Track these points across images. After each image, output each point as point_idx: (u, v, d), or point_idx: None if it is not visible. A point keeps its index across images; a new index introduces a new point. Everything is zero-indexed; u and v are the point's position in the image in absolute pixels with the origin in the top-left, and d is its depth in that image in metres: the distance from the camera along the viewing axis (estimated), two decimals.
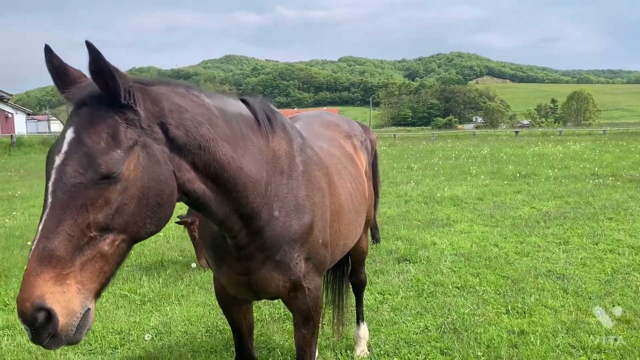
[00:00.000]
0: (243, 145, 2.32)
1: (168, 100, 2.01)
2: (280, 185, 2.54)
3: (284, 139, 2.66)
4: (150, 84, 2.03)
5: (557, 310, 5.07)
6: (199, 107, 2.14)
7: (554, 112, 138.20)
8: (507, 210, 10.27)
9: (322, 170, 2.87)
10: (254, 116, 2.50)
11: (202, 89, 2.31)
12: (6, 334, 4.82)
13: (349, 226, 3.20)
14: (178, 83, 2.20)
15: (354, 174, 3.46)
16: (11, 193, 14.17)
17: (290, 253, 2.60)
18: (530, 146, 29.29)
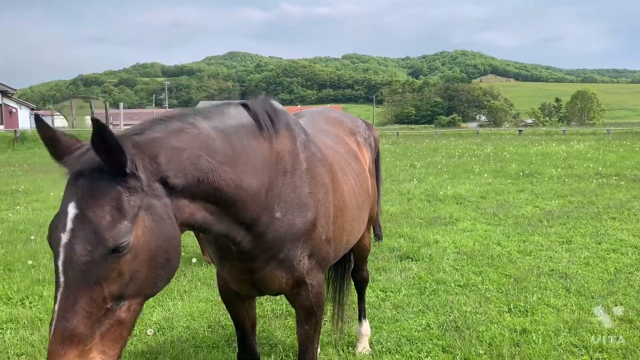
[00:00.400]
0: (244, 158, 2.33)
1: (164, 149, 1.98)
2: (284, 186, 2.55)
3: (288, 137, 2.66)
4: (142, 131, 2.00)
5: (559, 309, 5.06)
6: (195, 139, 2.12)
7: (557, 111, 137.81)
8: (510, 209, 10.26)
9: (325, 167, 2.88)
10: (256, 122, 2.50)
11: (198, 111, 2.33)
12: (9, 327, 4.84)
13: (352, 222, 3.20)
14: (172, 116, 2.19)
15: (358, 170, 3.47)
16: (15, 187, 14.21)
17: (294, 251, 2.61)
18: (533, 145, 29.24)
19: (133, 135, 1.97)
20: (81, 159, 1.82)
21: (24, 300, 5.55)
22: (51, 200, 12.11)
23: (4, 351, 4.35)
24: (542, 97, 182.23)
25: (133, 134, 1.98)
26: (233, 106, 2.52)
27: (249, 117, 2.50)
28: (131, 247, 1.75)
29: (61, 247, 1.71)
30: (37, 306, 5.40)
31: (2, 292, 5.73)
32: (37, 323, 4.93)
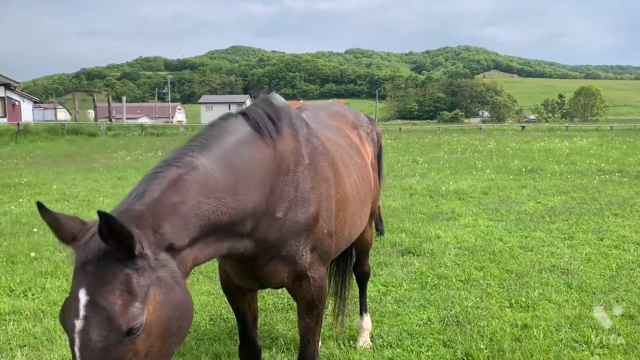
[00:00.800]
0: (247, 175, 2.36)
1: (166, 212, 1.98)
2: (285, 185, 2.57)
3: (291, 135, 2.68)
4: (142, 193, 2.01)
5: (560, 305, 5.06)
6: (194, 184, 2.12)
7: (561, 107, 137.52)
8: (512, 204, 10.25)
9: (327, 160, 2.89)
10: (257, 131, 2.51)
11: (197, 142, 2.33)
12: (12, 319, 4.86)
13: (354, 216, 3.20)
14: (169, 161, 2.18)
15: (360, 164, 3.47)
16: (17, 180, 14.23)
17: (296, 246, 2.63)
18: (536, 141, 29.19)
19: (135, 204, 1.96)
20: (88, 247, 1.83)
21: (27, 292, 5.57)
22: (54, 193, 12.14)
23: (7, 342, 4.37)
24: (545, 93, 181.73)
25: (134, 202, 1.98)
26: (232, 119, 2.53)
27: (249, 127, 2.51)
28: (144, 326, 1.77)
29: (76, 334, 1.74)
30: (40, 298, 5.42)
31: (5, 284, 5.75)
32: (40, 315, 4.95)
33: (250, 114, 2.55)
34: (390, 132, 49.25)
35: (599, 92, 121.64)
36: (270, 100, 2.72)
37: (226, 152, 2.33)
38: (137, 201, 1.97)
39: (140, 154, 23.38)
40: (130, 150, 25.96)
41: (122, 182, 14.10)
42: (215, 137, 2.38)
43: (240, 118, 2.54)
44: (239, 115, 2.56)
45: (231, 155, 2.34)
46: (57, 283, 5.81)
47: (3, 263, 6.53)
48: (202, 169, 2.19)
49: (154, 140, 35.15)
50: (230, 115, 2.57)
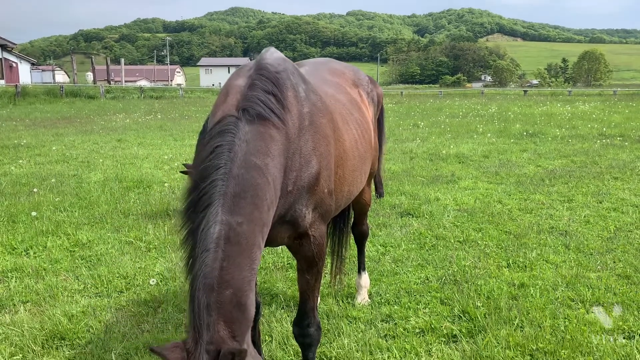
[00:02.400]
0: (266, 182, 2.26)
1: (225, 310, 1.99)
2: (294, 155, 2.51)
3: (292, 97, 2.60)
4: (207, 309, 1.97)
5: (558, 265, 5.11)
6: (235, 269, 2.07)
7: (564, 72, 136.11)
8: (513, 168, 10.24)
9: (326, 117, 2.84)
10: (263, 119, 2.36)
11: (217, 194, 2.13)
12: (14, 276, 4.92)
13: (354, 173, 3.17)
14: (206, 239, 2.06)
15: (360, 120, 3.41)
16: (17, 142, 14.19)
17: (300, 209, 2.62)
18: (538, 105, 28.96)
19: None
20: None
21: (29, 250, 5.61)
22: (53, 155, 12.12)
23: (10, 298, 4.43)
24: (548, 57, 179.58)
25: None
26: (241, 126, 2.30)
27: (254, 123, 2.33)
28: None
29: None
30: (42, 256, 5.46)
31: (6, 242, 5.79)
32: (42, 273, 5.00)
33: (251, 110, 2.35)
34: (391, 96, 48.84)
35: (603, 57, 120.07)
36: (265, 70, 2.54)
37: (245, 181, 2.18)
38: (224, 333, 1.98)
39: (139, 117, 23.24)
40: (129, 112, 25.80)
41: (121, 145, 14.07)
42: (232, 180, 2.16)
43: (243, 122, 2.31)
44: (241, 120, 2.32)
45: (248, 181, 2.19)
46: (59, 242, 5.85)
47: (4, 222, 6.56)
48: (230, 234, 2.09)
49: (153, 103, 34.90)
50: (235, 126, 2.29)
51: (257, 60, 2.66)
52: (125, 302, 4.39)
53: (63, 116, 23.72)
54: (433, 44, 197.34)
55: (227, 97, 2.51)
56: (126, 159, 11.66)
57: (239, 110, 2.35)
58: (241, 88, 2.48)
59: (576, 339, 3.65)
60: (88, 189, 8.49)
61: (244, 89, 2.46)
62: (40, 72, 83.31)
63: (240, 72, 2.68)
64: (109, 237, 6.08)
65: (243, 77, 2.58)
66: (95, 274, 4.96)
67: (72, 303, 4.37)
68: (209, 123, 2.50)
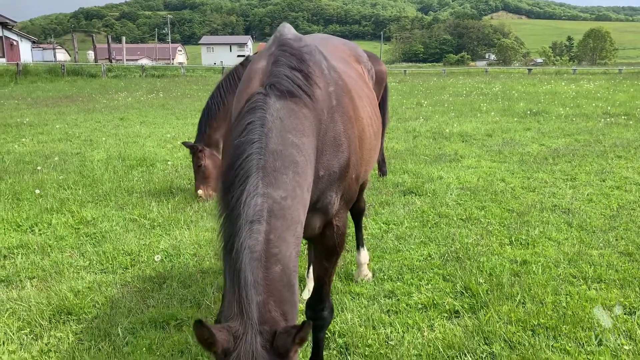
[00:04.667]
0: (305, 161, 2.12)
1: (274, 288, 1.81)
2: (325, 137, 2.35)
3: (319, 75, 2.42)
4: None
5: (560, 243, 5.13)
6: (274, 233, 1.89)
7: (569, 50, 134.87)
8: (516, 146, 10.21)
9: (348, 95, 2.68)
10: (294, 97, 2.19)
11: (252, 175, 1.96)
12: (20, 252, 4.96)
13: (370, 152, 3.03)
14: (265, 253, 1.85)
15: (370, 96, 3.28)
16: (19, 120, 14.18)
17: (330, 196, 2.47)
18: (542, 84, 28.75)
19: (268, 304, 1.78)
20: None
21: (34, 227, 5.65)
22: (56, 133, 12.12)
23: (16, 274, 4.48)
24: (553, 35, 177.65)
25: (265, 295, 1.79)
26: (270, 102, 2.13)
27: (285, 100, 2.16)
28: None
29: None
30: (47, 233, 5.50)
31: (11, 219, 5.83)
32: (47, 249, 5.04)
33: (279, 86, 2.18)
34: (394, 74, 48.49)
35: (609, 35, 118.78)
36: (287, 45, 2.38)
37: (287, 164, 2.03)
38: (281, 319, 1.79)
39: (141, 95, 23.17)
40: (131, 91, 25.70)
41: (124, 123, 14.05)
42: (272, 173, 1.98)
43: (272, 99, 2.14)
44: (268, 97, 2.15)
45: (293, 165, 2.04)
46: (63, 219, 5.88)
47: (9, 200, 6.60)
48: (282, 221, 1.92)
49: (155, 82, 34.73)
50: (260, 102, 2.13)
51: (276, 38, 2.50)
52: (130, 278, 4.44)
53: (65, 95, 23.65)
54: (437, 22, 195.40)
55: (251, 81, 2.37)
56: (129, 137, 11.66)
57: (265, 86, 2.19)
58: (264, 68, 2.32)
59: (577, 315, 3.68)
60: (91, 167, 8.50)
61: (268, 67, 2.30)
62: (41, 50, 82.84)
63: (260, 56, 2.52)
64: (113, 214, 6.11)
65: (263, 59, 2.41)
66: (100, 251, 5.00)
67: (78, 279, 4.41)
68: (234, 112, 2.33)
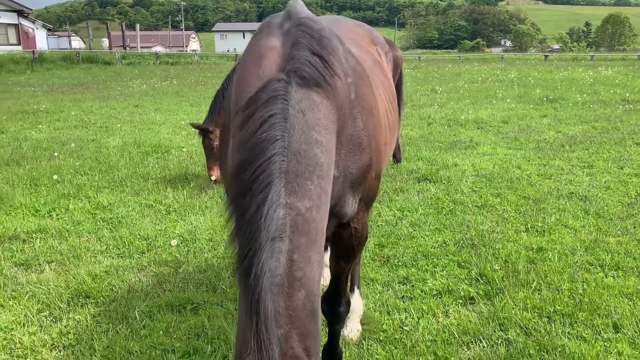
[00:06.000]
0: (329, 162, 1.85)
1: (298, 319, 1.57)
2: (343, 133, 2.08)
3: (340, 66, 2.12)
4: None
5: (577, 230, 5.08)
6: (299, 253, 1.62)
7: (587, 36, 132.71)
8: (532, 133, 10.10)
9: (366, 86, 2.39)
10: (316, 86, 1.88)
11: (274, 182, 1.65)
12: (38, 236, 5.03)
13: (386, 146, 2.75)
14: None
15: (386, 84, 3.01)
16: (36, 107, 14.32)
17: (347, 200, 2.24)
18: (559, 71, 28.35)
19: None
20: None
21: (51, 212, 5.73)
22: (72, 120, 12.22)
23: (35, 258, 4.54)
24: (571, 21, 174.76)
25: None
26: (292, 92, 1.81)
27: (307, 90, 1.85)
28: None
29: None
30: (64, 218, 5.57)
31: (30, 204, 5.91)
32: (65, 234, 5.11)
33: (302, 73, 1.87)
34: (409, 61, 48.10)
35: (628, 20, 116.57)
36: (306, 26, 2.07)
37: (311, 167, 1.74)
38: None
39: (155, 83, 23.25)
40: (145, 78, 25.80)
41: (138, 110, 14.12)
42: (295, 180, 1.69)
43: (294, 88, 1.82)
44: (289, 86, 1.82)
45: (318, 168, 1.76)
46: (80, 204, 5.95)
47: (27, 185, 6.68)
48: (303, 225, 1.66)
49: (168, 69, 34.83)
50: (282, 90, 1.80)
51: (290, 13, 2.19)
52: (146, 263, 4.48)
53: (80, 82, 23.81)
54: (452, 8, 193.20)
55: (262, 62, 2.00)
56: (144, 124, 11.72)
57: (286, 72, 1.86)
58: (280, 49, 2.00)
59: (594, 302, 3.65)
60: (107, 153, 8.57)
61: (285, 49, 1.98)
62: (57, 38, 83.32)
63: (270, 31, 2.13)
64: (129, 200, 6.16)
65: (276, 36, 2.07)
66: (117, 236, 5.06)
67: (95, 263, 4.47)
68: (239, 96, 2.01)
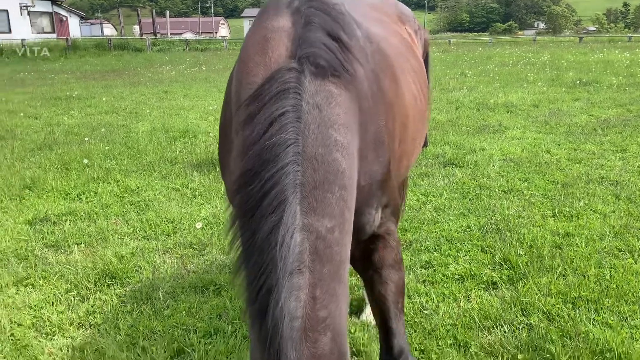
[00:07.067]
0: (351, 167, 1.58)
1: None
2: (365, 132, 1.77)
3: (360, 52, 1.84)
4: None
5: (606, 215, 4.96)
6: (321, 287, 1.37)
7: (624, 17, 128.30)
8: (563, 117, 9.86)
9: (388, 75, 2.08)
10: (334, 76, 1.60)
11: (289, 199, 1.38)
12: (68, 219, 5.16)
13: (414, 141, 2.43)
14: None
15: (417, 68, 2.63)
16: (69, 93, 14.62)
17: (368, 215, 1.91)
18: (594, 53, 27.51)
19: None
20: None
21: (81, 195, 5.87)
22: (103, 106, 12.45)
23: (64, 240, 4.67)
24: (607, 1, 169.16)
25: None
26: (306, 83, 1.53)
27: (323, 79, 1.57)
28: None
29: None
30: (93, 201, 5.70)
31: (61, 187, 6.06)
32: (94, 216, 5.23)
33: (317, 59, 1.58)
34: (438, 44, 47.30)
35: None
36: (319, 1, 1.79)
37: (331, 175, 1.47)
38: None
39: (184, 69, 23.45)
40: (175, 65, 26.04)
41: (167, 96, 14.28)
42: (315, 179, 1.43)
43: (307, 78, 1.54)
44: (302, 75, 1.54)
45: (339, 176, 1.49)
46: (109, 188, 6.08)
47: (58, 169, 6.85)
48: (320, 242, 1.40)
49: (198, 55, 35.06)
50: (293, 82, 1.52)
51: None
52: (172, 245, 4.56)
53: (112, 69, 24.18)
54: None
55: (268, 45, 1.67)
56: (172, 109, 11.85)
57: (298, 59, 1.57)
58: (289, 30, 1.68)
59: (622, 288, 3.57)
60: (136, 138, 8.71)
61: (296, 30, 1.67)
62: (89, 25, 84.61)
63: (277, 10, 1.78)
64: (156, 184, 6.27)
65: (285, 15, 1.74)
66: (144, 218, 5.15)
67: (122, 245, 4.57)
68: (242, 88, 1.69)
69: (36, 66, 25.97)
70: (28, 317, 3.49)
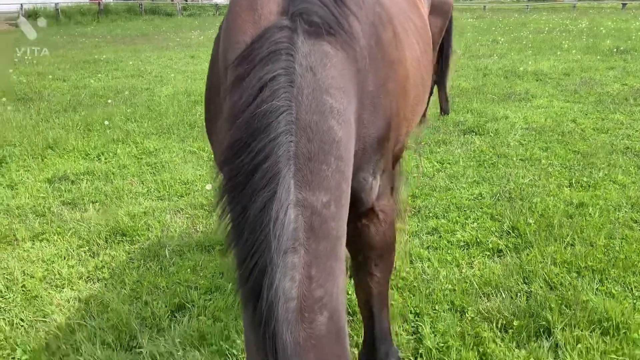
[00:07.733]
0: (348, 134, 1.47)
1: (321, 348, 1.29)
2: (363, 95, 1.66)
3: (356, 7, 1.68)
4: None
5: (625, 186, 4.82)
6: (317, 265, 1.29)
7: None
8: (595, 86, 9.52)
9: (388, 31, 1.93)
10: (329, 34, 1.46)
11: (282, 171, 1.27)
12: (86, 178, 5.29)
13: (415, 107, 2.32)
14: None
15: (420, 26, 2.52)
16: (97, 57, 14.80)
17: (365, 178, 1.83)
18: (636, 20, 26.30)
19: None
20: None
21: (100, 156, 5.99)
22: (129, 69, 12.58)
23: (81, 198, 4.80)
24: None
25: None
26: (298, 43, 1.40)
27: (318, 38, 1.44)
28: None
29: None
30: (112, 162, 5.82)
31: (81, 148, 6.20)
32: (111, 177, 5.35)
33: (311, 16, 1.44)
34: (473, 10, 45.89)
35: None
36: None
37: (326, 144, 1.36)
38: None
39: (213, 34, 23.38)
40: (204, 30, 26.00)
41: (193, 61, 14.33)
42: (310, 167, 1.32)
43: (300, 37, 1.41)
44: (295, 34, 1.40)
45: (335, 146, 1.39)
46: (127, 149, 6.19)
47: (80, 130, 7.00)
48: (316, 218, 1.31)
49: None
50: (285, 42, 1.39)
51: None
52: (183, 205, 4.64)
53: (142, 33, 24.31)
54: None
55: (256, 2, 1.53)
56: (197, 74, 11.89)
57: (290, 16, 1.43)
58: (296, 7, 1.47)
59: (630, 259, 3.50)
60: (158, 101, 8.80)
61: None
62: None
63: None
64: (174, 146, 6.35)
65: None
66: (159, 179, 5.24)
67: (136, 204, 4.67)
68: (229, 47, 1.57)
69: (69, 30, 26.29)
70: (40, 270, 3.62)
